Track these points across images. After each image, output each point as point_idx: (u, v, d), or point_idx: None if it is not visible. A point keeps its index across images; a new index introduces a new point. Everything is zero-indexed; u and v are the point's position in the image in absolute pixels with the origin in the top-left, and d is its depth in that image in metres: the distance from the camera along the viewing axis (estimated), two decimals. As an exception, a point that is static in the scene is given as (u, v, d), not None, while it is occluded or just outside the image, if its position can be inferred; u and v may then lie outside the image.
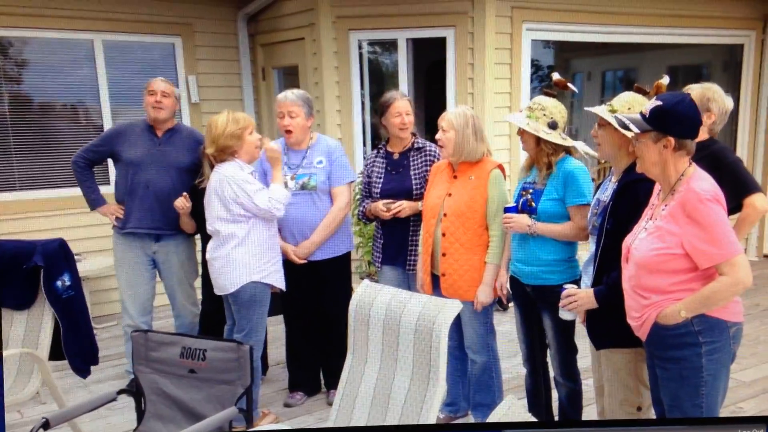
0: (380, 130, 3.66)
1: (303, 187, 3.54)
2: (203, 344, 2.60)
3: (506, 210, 2.94)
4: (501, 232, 3.08)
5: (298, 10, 5.51)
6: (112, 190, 4.06)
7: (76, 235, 4.87)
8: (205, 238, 3.49)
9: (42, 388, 3.38)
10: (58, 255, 3.11)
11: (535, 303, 3.00)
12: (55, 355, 3.15)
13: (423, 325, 2.32)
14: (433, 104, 5.54)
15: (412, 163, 3.52)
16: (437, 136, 3.16)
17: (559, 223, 2.84)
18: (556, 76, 2.90)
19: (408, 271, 3.51)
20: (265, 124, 6.07)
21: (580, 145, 2.95)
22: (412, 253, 3.50)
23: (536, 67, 5.82)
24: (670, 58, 6.78)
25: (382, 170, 3.57)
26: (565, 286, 2.61)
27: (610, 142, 2.49)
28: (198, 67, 5.79)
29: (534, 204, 2.89)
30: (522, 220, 2.88)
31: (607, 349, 2.57)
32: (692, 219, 2.09)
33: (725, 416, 3.20)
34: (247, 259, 3.24)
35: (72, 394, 3.93)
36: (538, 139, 2.84)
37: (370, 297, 2.52)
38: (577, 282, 2.82)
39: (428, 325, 2.31)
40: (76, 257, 3.38)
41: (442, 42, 5.36)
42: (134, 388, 2.66)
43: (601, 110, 2.47)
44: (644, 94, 2.52)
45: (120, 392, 2.60)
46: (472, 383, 3.32)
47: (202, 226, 3.46)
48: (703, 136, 2.78)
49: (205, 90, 5.83)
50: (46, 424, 2.25)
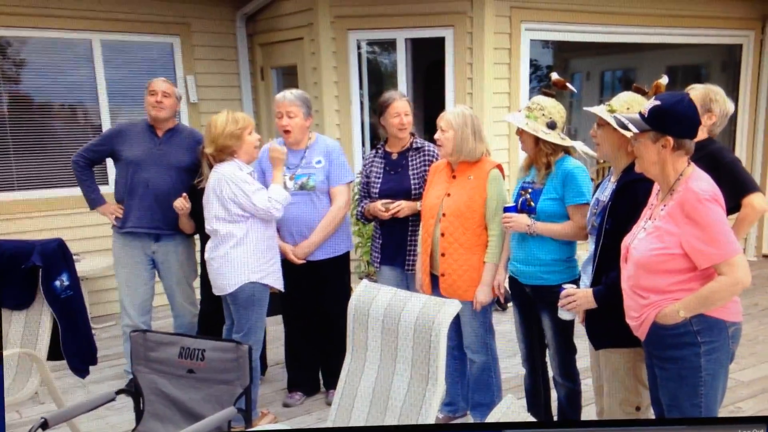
0: (379, 130, 3.65)
1: (302, 187, 3.53)
2: (202, 344, 2.59)
3: (506, 210, 2.94)
4: (500, 232, 3.08)
5: (296, 10, 5.50)
6: (110, 189, 4.06)
7: (75, 235, 4.88)
8: (204, 238, 3.48)
9: (40, 388, 3.37)
10: (57, 255, 3.11)
11: (534, 303, 3.00)
12: (54, 355, 3.14)
13: (422, 325, 2.32)
14: (432, 104, 5.54)
15: (410, 163, 3.52)
16: (436, 136, 3.15)
17: (558, 222, 2.84)
18: (555, 76, 2.90)
19: (407, 272, 3.51)
20: (264, 124, 6.06)
21: (579, 145, 2.95)
22: (411, 253, 3.49)
23: (535, 67, 5.82)
24: (669, 58, 6.78)
25: (381, 170, 3.56)
26: (564, 286, 2.61)
27: (609, 142, 2.49)
28: (196, 67, 5.79)
29: (533, 203, 2.89)
30: (521, 220, 2.88)
31: (606, 349, 2.57)
32: (691, 219, 2.09)
33: (725, 416, 3.21)
34: (246, 260, 3.23)
35: (70, 394, 3.92)
36: (537, 139, 2.83)
37: (369, 297, 2.52)
38: (576, 282, 2.81)
39: (427, 325, 2.30)
40: (75, 257, 3.38)
41: (440, 42, 5.36)
42: (133, 388, 2.65)
43: (600, 110, 2.47)
44: (643, 94, 2.52)
45: (119, 392, 2.60)
46: (471, 383, 3.32)
47: (202, 226, 3.46)
48: (702, 135, 2.78)
49: (204, 90, 5.82)
50: (45, 424, 2.25)
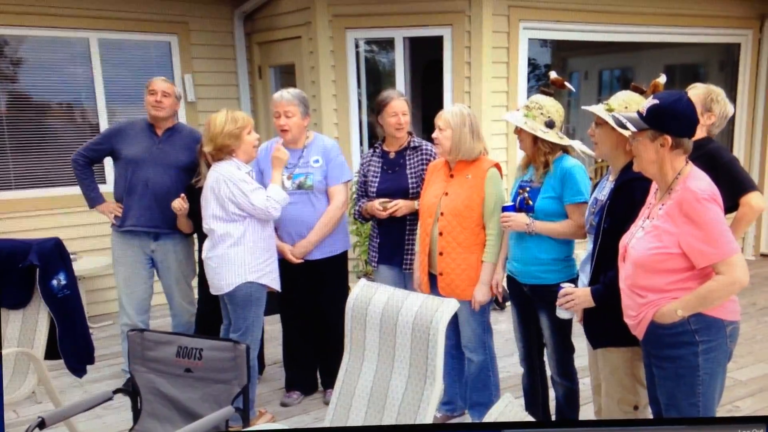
0: (377, 129, 3.65)
1: (300, 187, 3.53)
2: (199, 343, 2.59)
3: (504, 209, 2.93)
4: (498, 231, 3.08)
5: (294, 9, 5.49)
6: (108, 188, 4.05)
7: (72, 234, 4.87)
8: (203, 238, 3.48)
9: (38, 388, 3.36)
10: (54, 254, 3.10)
11: (532, 302, 2.99)
12: (51, 354, 3.13)
13: (420, 324, 2.31)
14: (430, 103, 5.53)
15: (408, 162, 3.51)
16: (434, 135, 3.14)
17: (556, 221, 2.84)
18: (553, 75, 2.90)
19: (404, 271, 3.50)
20: (262, 123, 6.05)
21: (577, 144, 2.95)
22: (409, 253, 3.49)
23: (533, 65, 5.82)
24: (667, 57, 6.78)
25: (379, 169, 3.56)
26: (563, 285, 2.61)
27: (607, 141, 2.49)
28: (194, 66, 5.77)
29: (531, 202, 2.88)
30: (520, 219, 2.88)
31: (604, 348, 2.57)
32: (689, 218, 2.09)
33: (725, 416, 3.21)
34: (243, 259, 3.23)
35: (68, 394, 3.92)
36: (535, 138, 2.83)
37: (367, 296, 2.51)
38: (575, 281, 2.81)
39: (425, 324, 2.30)
40: (72, 256, 3.38)
41: (439, 41, 5.35)
42: (130, 388, 2.65)
43: (598, 109, 2.47)
44: (641, 92, 2.52)
45: (116, 391, 2.59)
46: (469, 382, 3.32)
47: (200, 225, 3.45)
48: (700, 134, 2.78)
49: (201, 89, 5.81)
50: (42, 424, 2.24)
